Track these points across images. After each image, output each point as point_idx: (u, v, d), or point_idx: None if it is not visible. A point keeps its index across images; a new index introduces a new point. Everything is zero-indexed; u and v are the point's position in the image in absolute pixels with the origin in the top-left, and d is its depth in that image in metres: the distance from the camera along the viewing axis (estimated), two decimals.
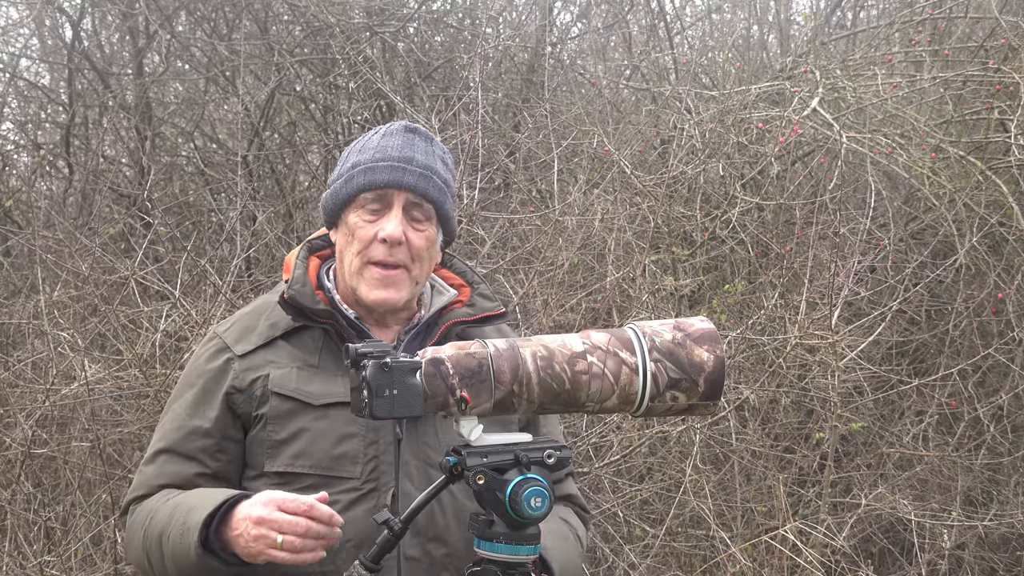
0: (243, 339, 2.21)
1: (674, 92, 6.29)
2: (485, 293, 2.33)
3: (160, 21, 6.93)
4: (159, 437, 2.22)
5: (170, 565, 2.06)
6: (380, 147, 2.20)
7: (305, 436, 2.12)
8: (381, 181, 2.16)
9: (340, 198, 2.21)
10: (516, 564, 1.90)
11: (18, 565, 4.60)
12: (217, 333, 2.26)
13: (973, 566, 5.39)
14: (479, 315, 2.27)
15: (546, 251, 5.38)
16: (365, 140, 2.26)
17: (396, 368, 1.84)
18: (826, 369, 5.02)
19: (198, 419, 2.17)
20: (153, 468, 2.20)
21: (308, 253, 2.29)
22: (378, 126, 2.30)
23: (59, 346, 4.92)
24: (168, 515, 2.07)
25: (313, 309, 2.18)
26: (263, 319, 2.23)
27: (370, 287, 2.18)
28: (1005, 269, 5.76)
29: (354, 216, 2.19)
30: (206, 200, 6.64)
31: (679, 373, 1.93)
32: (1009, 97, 5.81)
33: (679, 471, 4.86)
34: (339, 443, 2.12)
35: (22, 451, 4.72)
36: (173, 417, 2.21)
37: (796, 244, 5.53)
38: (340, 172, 2.24)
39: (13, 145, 7.38)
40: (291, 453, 2.12)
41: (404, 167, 2.17)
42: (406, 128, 2.24)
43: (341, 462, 2.11)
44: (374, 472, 2.11)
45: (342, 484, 2.10)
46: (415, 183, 2.17)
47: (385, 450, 2.12)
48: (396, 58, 6.96)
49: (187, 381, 2.24)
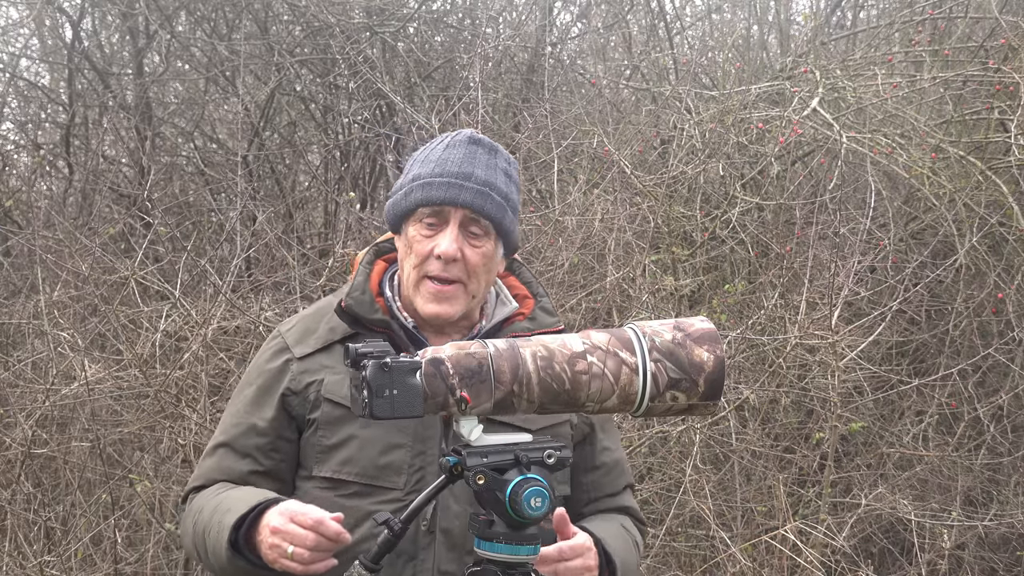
0: (303, 341, 2.24)
1: (674, 92, 6.29)
2: (547, 308, 2.32)
3: (160, 21, 6.93)
4: (220, 431, 2.27)
5: (213, 559, 2.13)
6: (441, 160, 2.18)
7: (353, 443, 2.14)
8: (437, 198, 2.15)
9: (400, 210, 2.21)
10: (516, 564, 1.90)
11: (18, 565, 4.60)
12: (280, 332, 2.28)
13: (973, 566, 5.39)
14: (538, 331, 2.25)
15: (546, 251, 5.38)
16: (429, 150, 2.24)
17: (396, 368, 1.84)
18: (826, 369, 5.02)
19: (255, 417, 2.21)
20: (211, 461, 2.25)
21: (375, 257, 2.30)
22: (444, 134, 2.27)
23: (59, 346, 4.92)
24: (211, 513, 2.13)
25: (369, 319, 2.19)
26: (324, 322, 2.25)
27: (425, 301, 2.19)
28: (1005, 269, 5.76)
29: (412, 229, 2.19)
30: (206, 200, 6.64)
31: (679, 373, 1.93)
32: (1009, 97, 5.81)
33: (679, 471, 4.86)
34: (385, 452, 2.13)
35: (22, 451, 4.72)
36: (233, 412, 2.26)
37: (796, 244, 5.53)
38: (402, 182, 2.22)
39: (13, 145, 7.38)
40: (339, 459, 2.15)
41: (462, 184, 2.15)
42: (470, 140, 2.22)
43: (386, 472, 2.13)
44: (419, 483, 2.12)
45: (385, 494, 2.12)
46: (472, 200, 2.15)
47: (431, 461, 2.13)
48: (396, 58, 6.96)
49: (249, 379, 2.28)
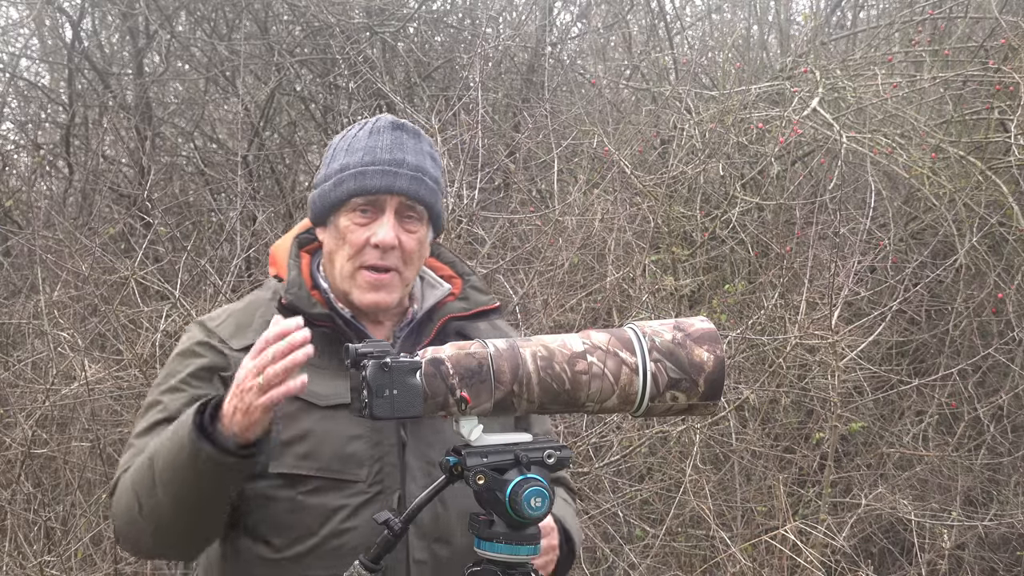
0: (239, 334, 2.14)
1: (674, 92, 6.29)
2: (477, 285, 2.29)
3: (160, 21, 6.93)
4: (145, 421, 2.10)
5: (161, 492, 1.97)
6: (369, 148, 2.14)
7: (312, 437, 2.08)
8: (373, 187, 2.11)
9: (329, 201, 2.15)
10: (516, 564, 1.90)
11: (18, 565, 4.60)
12: (209, 326, 2.17)
13: (973, 566, 5.39)
14: (474, 309, 2.24)
15: (546, 251, 5.38)
16: (352, 138, 2.18)
17: (396, 368, 1.83)
18: (826, 369, 5.02)
19: (196, 390, 2.08)
20: (134, 449, 2.09)
21: (298, 249, 2.23)
22: (362, 119, 2.21)
23: (59, 346, 4.92)
24: (154, 445, 2.00)
25: (311, 313, 2.11)
26: (258, 316, 2.17)
27: (363, 291, 2.15)
28: (1005, 269, 5.76)
29: (345, 220, 2.14)
30: (206, 200, 6.63)
31: (679, 373, 1.93)
32: (1009, 97, 5.81)
33: (679, 471, 4.86)
34: (346, 444, 2.09)
35: (22, 451, 4.72)
36: (157, 403, 2.11)
37: (796, 244, 5.53)
38: (328, 172, 2.16)
39: (13, 145, 7.39)
40: (297, 454, 2.08)
41: (396, 171, 2.12)
42: (394, 125, 2.18)
43: (348, 464, 2.08)
44: (379, 474, 2.09)
45: (349, 488, 2.08)
46: (407, 187, 2.12)
47: (388, 451, 2.10)
48: (396, 58, 6.96)
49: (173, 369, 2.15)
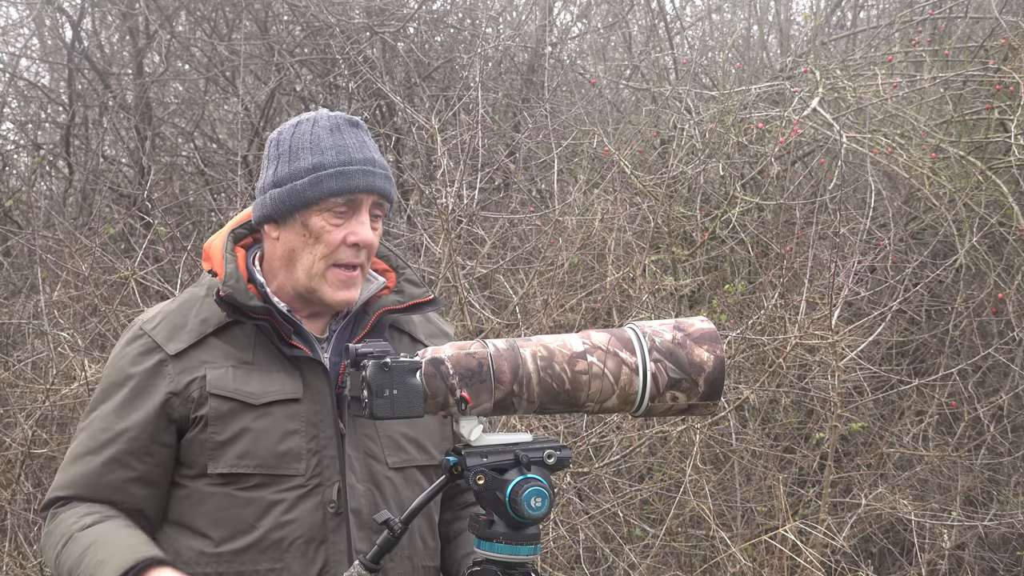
0: (174, 337, 2.14)
1: (674, 92, 6.28)
2: (411, 279, 2.29)
3: (160, 21, 6.93)
4: (88, 436, 2.16)
5: None
6: (339, 147, 2.14)
7: (248, 436, 2.10)
8: (355, 186, 2.12)
9: (302, 200, 2.12)
10: (516, 564, 1.90)
11: (18, 565, 4.60)
12: (144, 330, 2.18)
13: (973, 566, 5.39)
14: (408, 303, 2.24)
15: (546, 251, 5.38)
16: (310, 135, 2.16)
17: (396, 368, 1.84)
18: (826, 369, 5.02)
19: (126, 421, 2.12)
20: (78, 469, 2.15)
21: (233, 244, 2.23)
22: (307, 114, 2.21)
23: (59, 346, 4.92)
24: (79, 555, 2.04)
25: (249, 306, 2.13)
26: (192, 315, 2.17)
27: (335, 289, 2.15)
28: (1005, 269, 5.76)
29: (318, 219, 2.12)
30: (206, 200, 6.63)
31: (679, 373, 1.93)
32: (1009, 97, 5.81)
33: (679, 471, 4.86)
34: (282, 440, 2.10)
35: (22, 451, 4.72)
36: (102, 417, 2.15)
37: (796, 244, 5.52)
38: (295, 170, 2.13)
39: (13, 145, 7.39)
40: (235, 454, 2.09)
41: (371, 170, 2.14)
42: (350, 122, 2.18)
43: (286, 459, 2.10)
44: (318, 467, 2.11)
45: (288, 482, 2.09)
46: (383, 186, 2.15)
47: (326, 444, 2.12)
48: (396, 58, 6.96)
49: (114, 380, 2.17)
